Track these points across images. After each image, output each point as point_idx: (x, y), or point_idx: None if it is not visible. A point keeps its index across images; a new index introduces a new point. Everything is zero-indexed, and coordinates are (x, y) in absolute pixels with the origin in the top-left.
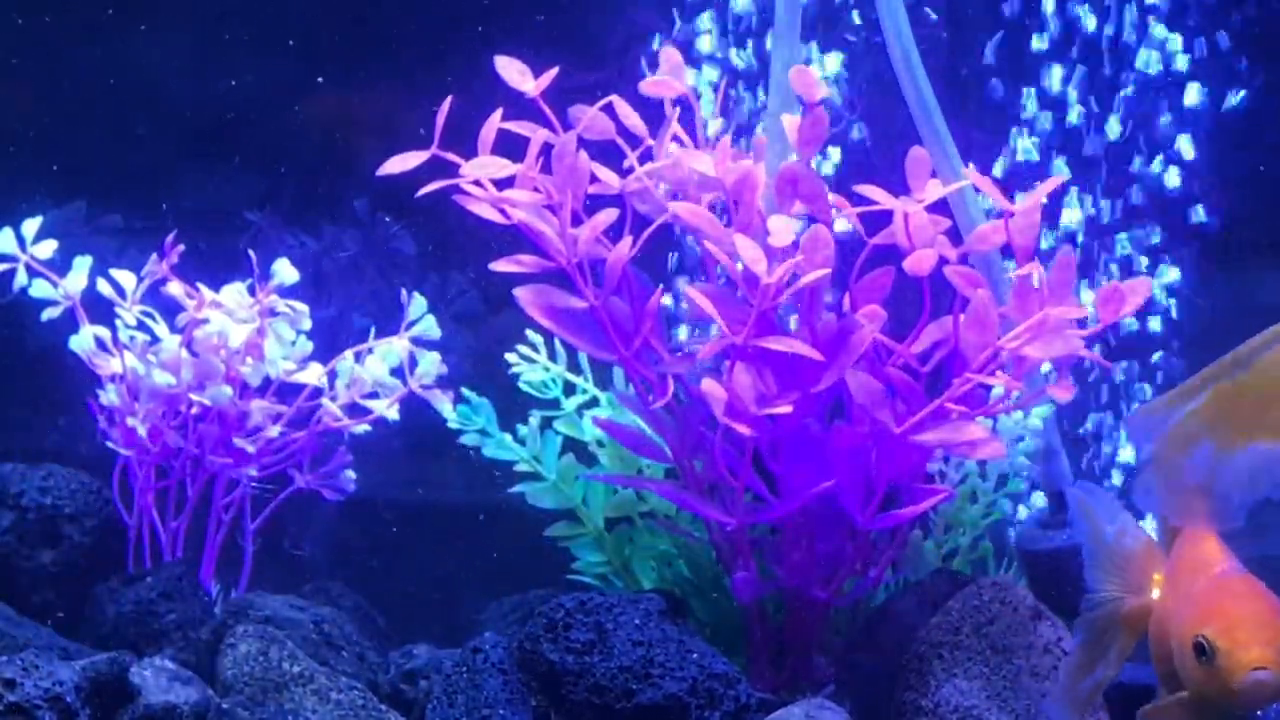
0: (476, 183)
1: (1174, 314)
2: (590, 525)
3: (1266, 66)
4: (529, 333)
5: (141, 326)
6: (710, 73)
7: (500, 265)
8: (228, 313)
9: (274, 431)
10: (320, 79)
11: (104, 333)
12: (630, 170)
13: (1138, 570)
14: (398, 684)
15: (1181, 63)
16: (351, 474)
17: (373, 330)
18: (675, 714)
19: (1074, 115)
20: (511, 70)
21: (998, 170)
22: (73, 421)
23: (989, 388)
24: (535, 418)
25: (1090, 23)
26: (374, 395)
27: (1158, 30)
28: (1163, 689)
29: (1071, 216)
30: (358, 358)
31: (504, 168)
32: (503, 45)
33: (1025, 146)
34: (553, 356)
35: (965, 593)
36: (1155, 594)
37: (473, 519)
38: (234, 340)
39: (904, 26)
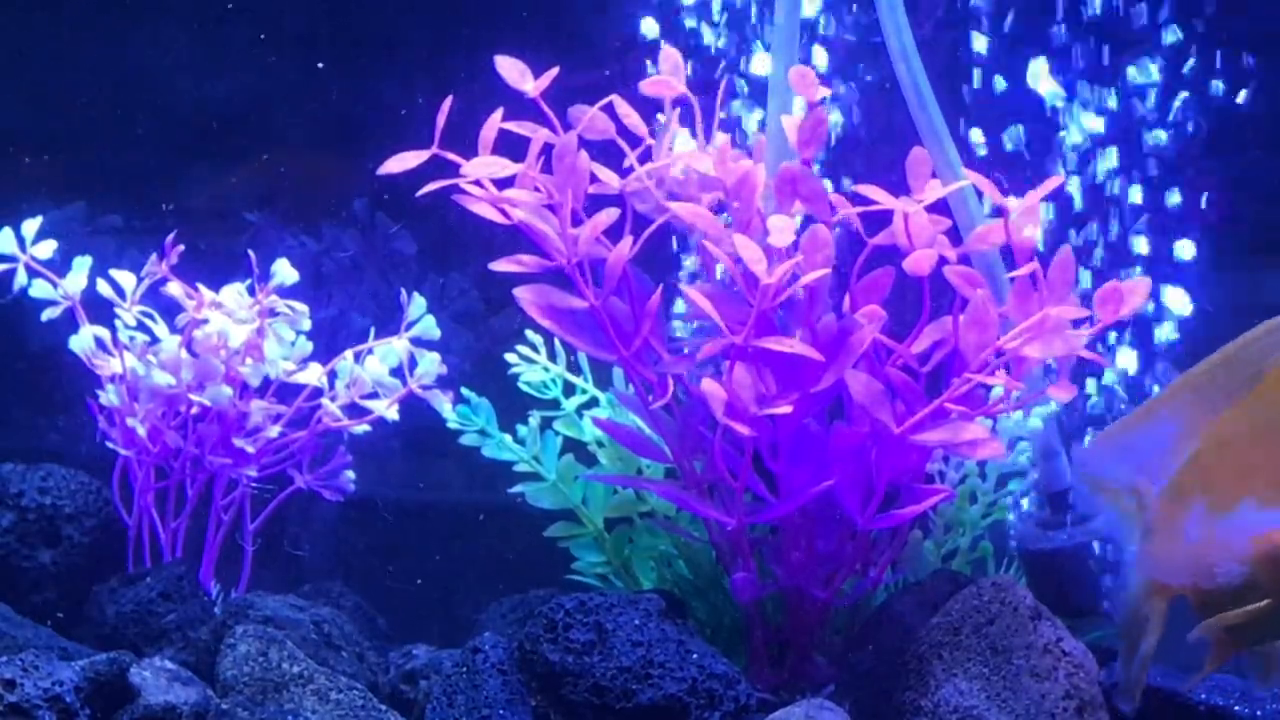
0: (477, 183)
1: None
2: (590, 525)
3: (1268, 65)
4: (529, 333)
5: (141, 327)
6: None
7: (500, 265)
8: (227, 313)
9: (274, 432)
10: (320, 79)
11: (104, 333)
12: (630, 170)
13: None
14: (398, 684)
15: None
16: (351, 474)
17: (372, 330)
18: (675, 714)
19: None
20: (512, 70)
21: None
22: (73, 421)
23: (989, 388)
24: (535, 418)
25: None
26: (374, 395)
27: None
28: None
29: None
30: (357, 358)
31: (504, 167)
32: (503, 45)
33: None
34: (553, 356)
35: (965, 593)
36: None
37: (473, 519)
38: (234, 341)
39: (904, 26)
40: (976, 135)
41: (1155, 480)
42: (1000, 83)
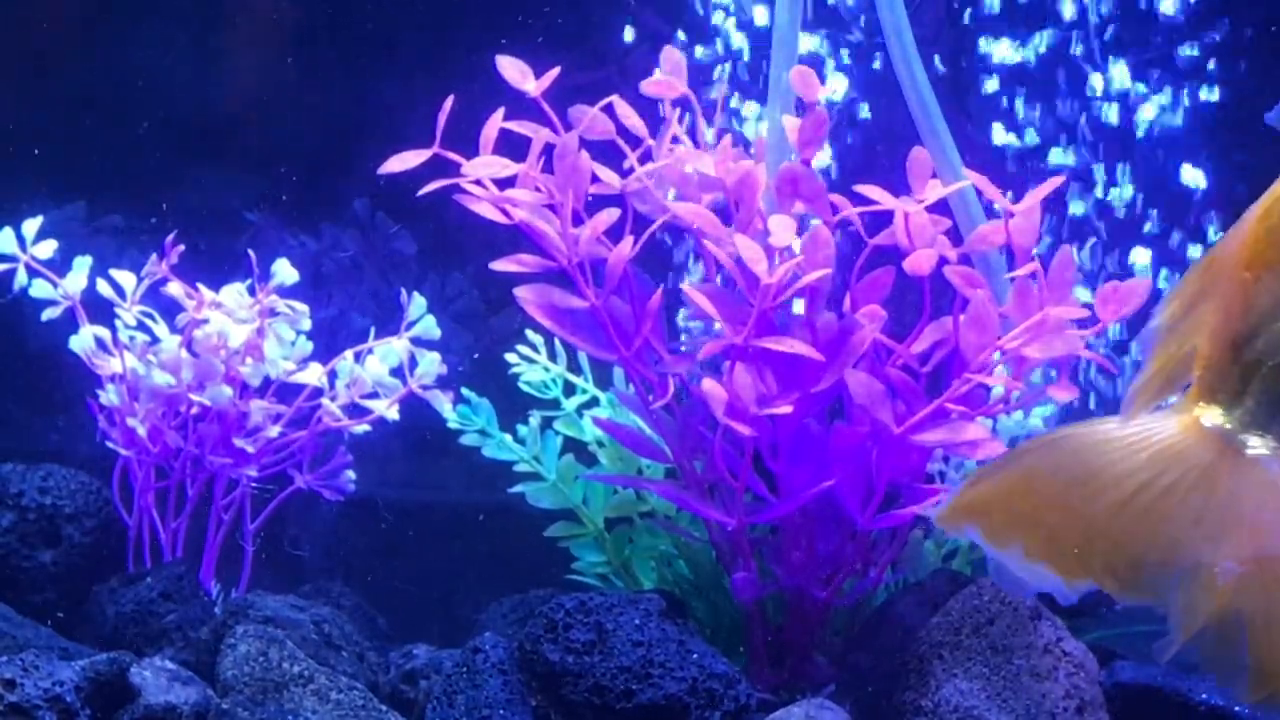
0: (478, 182)
1: None
2: (590, 525)
3: (1268, 63)
4: (529, 333)
5: (141, 327)
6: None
7: (501, 265)
8: (228, 313)
9: (274, 431)
10: (320, 79)
11: (104, 333)
12: (631, 170)
13: None
14: (398, 684)
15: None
16: (351, 474)
17: (372, 330)
18: (675, 714)
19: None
20: (512, 70)
21: None
22: (73, 421)
23: (989, 388)
24: (535, 418)
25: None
26: (374, 395)
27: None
28: None
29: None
30: (357, 358)
31: (505, 167)
32: (503, 45)
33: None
34: (553, 356)
35: (965, 593)
36: None
37: (473, 519)
38: (234, 341)
39: (904, 26)
40: None
41: None
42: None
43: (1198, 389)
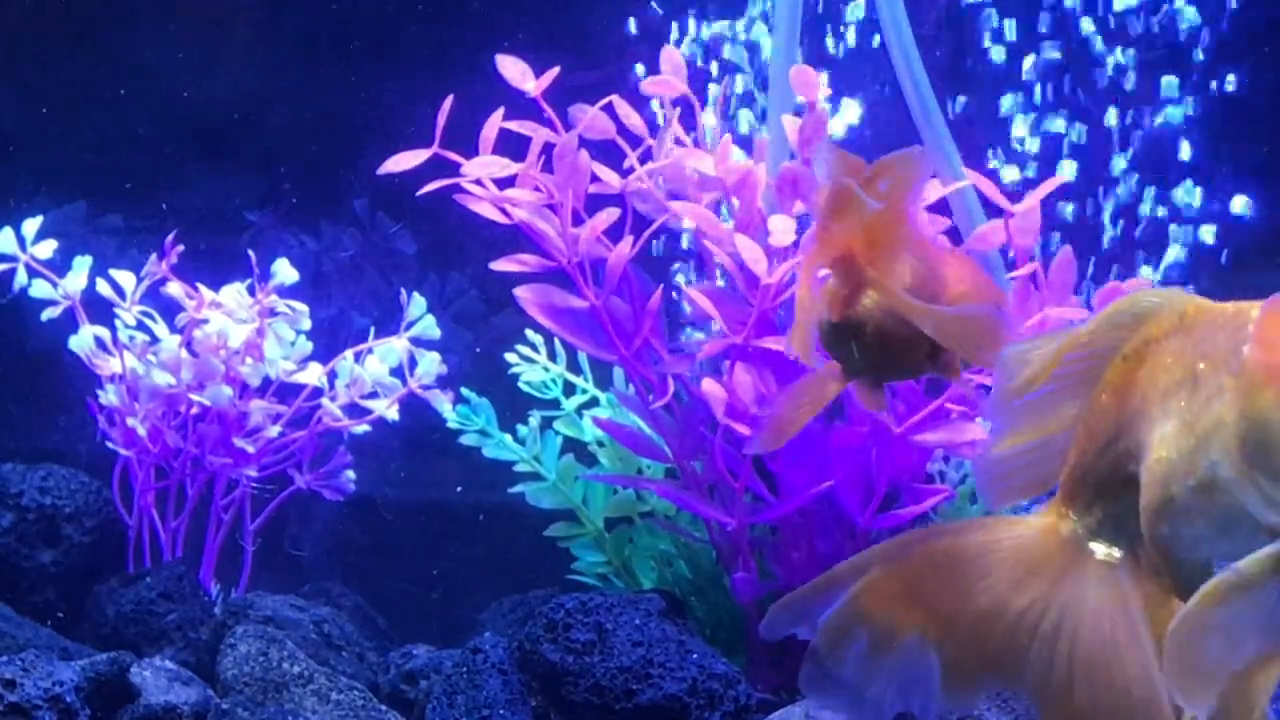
0: (478, 182)
1: None
2: (590, 525)
3: (1269, 60)
4: (529, 333)
5: (141, 327)
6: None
7: (501, 265)
8: (227, 313)
9: (274, 431)
10: (320, 79)
11: (104, 333)
12: (631, 170)
13: None
14: (398, 684)
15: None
16: (351, 474)
17: (372, 330)
18: (675, 714)
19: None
20: (513, 69)
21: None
22: (73, 421)
23: (989, 388)
24: (535, 418)
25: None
26: (374, 395)
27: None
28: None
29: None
30: (357, 358)
31: (505, 167)
32: (503, 45)
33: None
34: (553, 356)
35: None
36: None
37: (473, 519)
38: (234, 340)
39: (904, 26)
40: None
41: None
42: None
43: (1060, 493)
